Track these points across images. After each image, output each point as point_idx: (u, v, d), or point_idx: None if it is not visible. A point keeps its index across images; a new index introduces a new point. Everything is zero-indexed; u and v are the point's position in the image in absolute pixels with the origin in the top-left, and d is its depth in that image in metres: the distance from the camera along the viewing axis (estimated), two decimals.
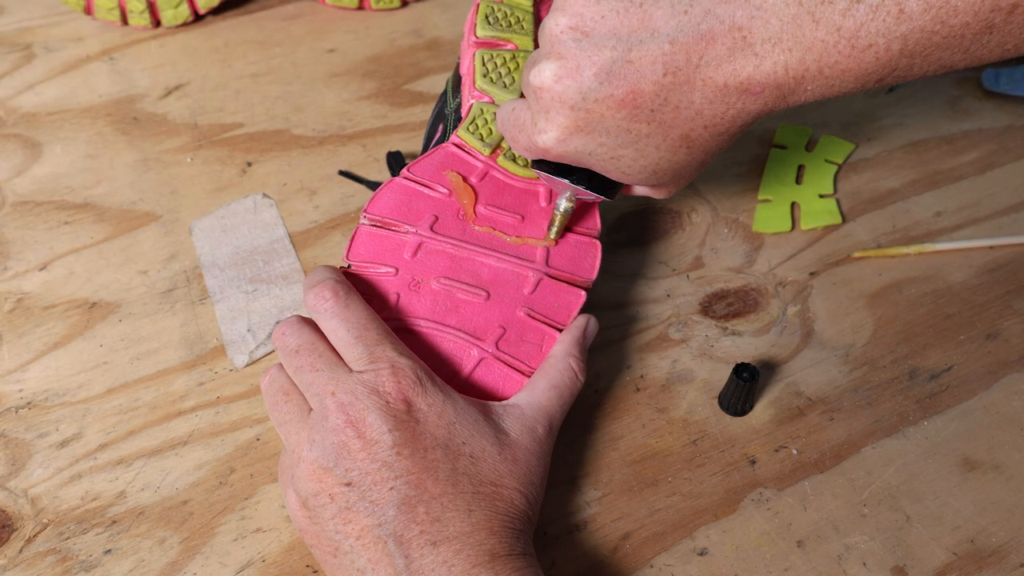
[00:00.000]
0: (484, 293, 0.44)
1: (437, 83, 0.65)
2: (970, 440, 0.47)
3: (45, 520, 0.41)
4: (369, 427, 0.36)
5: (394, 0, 0.70)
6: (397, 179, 0.46)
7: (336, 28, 0.69)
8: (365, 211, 0.45)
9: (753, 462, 0.45)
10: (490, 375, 0.42)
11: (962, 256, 0.55)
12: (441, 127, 0.51)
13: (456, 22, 0.70)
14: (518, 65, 0.49)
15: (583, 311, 0.45)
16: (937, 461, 0.46)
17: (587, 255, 0.46)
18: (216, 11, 0.69)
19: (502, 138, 0.47)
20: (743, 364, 0.45)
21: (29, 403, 0.45)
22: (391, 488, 0.36)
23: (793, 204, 0.57)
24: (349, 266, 0.44)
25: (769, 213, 0.57)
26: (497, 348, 0.43)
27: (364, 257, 0.44)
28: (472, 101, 0.48)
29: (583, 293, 0.45)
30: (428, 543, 0.35)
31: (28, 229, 0.53)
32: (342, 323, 0.40)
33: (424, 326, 0.43)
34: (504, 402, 0.41)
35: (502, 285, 0.44)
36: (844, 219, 0.57)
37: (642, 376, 0.48)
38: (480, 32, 0.50)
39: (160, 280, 0.51)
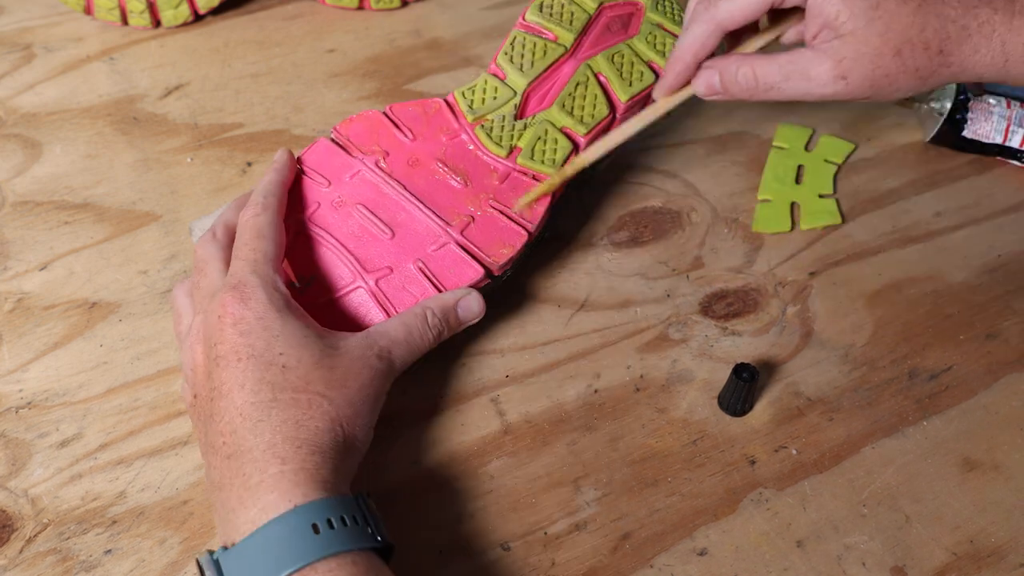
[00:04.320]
0: (390, 232, 0.45)
1: (437, 83, 0.65)
2: (970, 440, 0.47)
3: (45, 520, 0.41)
4: (205, 342, 0.39)
5: (394, 0, 0.70)
6: (376, 112, 0.49)
7: (336, 28, 0.69)
8: (335, 128, 0.49)
9: (753, 462, 0.45)
10: (356, 306, 0.44)
11: (962, 256, 0.55)
12: None
13: (456, 22, 0.70)
14: (545, 53, 0.50)
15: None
16: (937, 461, 0.46)
17: (506, 241, 0.46)
18: (216, 11, 0.69)
19: (489, 112, 0.50)
20: (743, 364, 0.45)
21: (29, 403, 0.45)
22: (211, 399, 0.38)
23: (793, 204, 0.57)
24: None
25: (769, 213, 0.57)
26: (376, 285, 0.44)
27: (311, 164, 0.48)
28: (484, 73, 0.51)
29: (480, 270, 0.45)
30: (224, 456, 0.36)
31: (28, 229, 0.53)
32: (236, 235, 0.43)
33: (324, 239, 0.45)
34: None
35: (411, 234, 0.46)
36: (844, 219, 0.57)
37: (642, 376, 0.48)
38: (529, 16, 0.52)
39: (160, 280, 0.51)
